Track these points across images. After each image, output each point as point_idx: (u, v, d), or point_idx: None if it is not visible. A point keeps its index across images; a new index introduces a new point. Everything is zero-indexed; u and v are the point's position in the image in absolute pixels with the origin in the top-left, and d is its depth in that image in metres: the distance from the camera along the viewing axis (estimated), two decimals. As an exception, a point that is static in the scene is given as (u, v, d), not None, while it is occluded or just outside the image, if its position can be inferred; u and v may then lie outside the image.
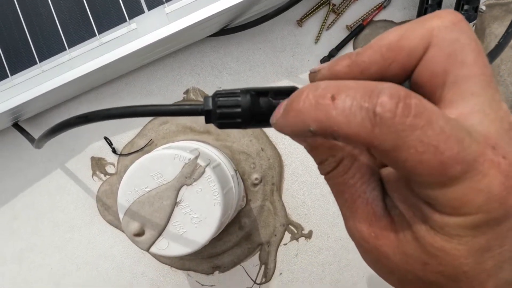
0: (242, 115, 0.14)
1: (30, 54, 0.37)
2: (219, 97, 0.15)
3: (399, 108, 0.11)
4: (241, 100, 0.14)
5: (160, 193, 0.31)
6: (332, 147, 0.15)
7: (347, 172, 0.14)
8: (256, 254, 0.41)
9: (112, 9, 0.36)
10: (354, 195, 0.14)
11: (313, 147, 0.15)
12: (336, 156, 0.15)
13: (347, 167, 0.15)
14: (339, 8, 0.39)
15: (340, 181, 0.15)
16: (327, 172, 0.15)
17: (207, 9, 0.34)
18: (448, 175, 0.11)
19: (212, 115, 0.15)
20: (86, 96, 0.42)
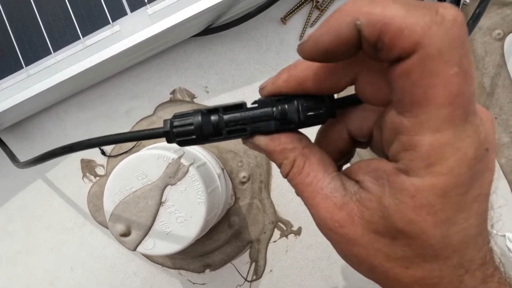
0: (195, 132, 0.16)
1: (16, 58, 0.37)
2: (174, 119, 0.17)
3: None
4: (193, 119, 0.16)
5: (145, 193, 0.31)
6: (283, 151, 0.16)
7: (301, 172, 0.15)
8: (246, 252, 0.41)
9: (96, 12, 0.36)
10: (313, 192, 0.15)
11: (268, 153, 0.16)
12: (289, 159, 0.16)
13: (300, 167, 0.15)
14: (322, 5, 0.39)
15: (298, 181, 0.16)
16: (286, 174, 0.16)
17: (189, 9, 0.34)
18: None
19: (171, 135, 0.17)
20: (74, 98, 0.42)
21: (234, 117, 0.16)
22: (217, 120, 0.16)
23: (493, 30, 0.38)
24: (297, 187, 0.16)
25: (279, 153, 0.16)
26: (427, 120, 0.12)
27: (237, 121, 0.16)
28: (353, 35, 0.12)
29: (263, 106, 0.16)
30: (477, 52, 0.38)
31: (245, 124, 0.16)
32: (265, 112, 0.16)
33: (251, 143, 0.17)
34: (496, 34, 0.38)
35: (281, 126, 0.16)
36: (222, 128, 0.16)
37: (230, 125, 0.16)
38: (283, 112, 0.16)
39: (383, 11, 0.11)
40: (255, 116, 0.16)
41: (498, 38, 0.38)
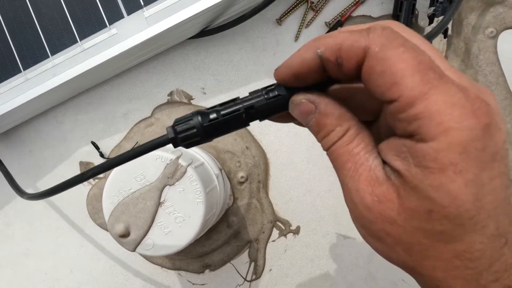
0: (198, 133, 0.17)
1: (14, 62, 0.37)
2: (177, 125, 0.18)
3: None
4: (194, 122, 0.17)
5: (143, 194, 0.32)
6: (341, 116, 0.16)
7: (352, 141, 0.15)
8: (245, 251, 0.41)
9: (93, 15, 0.36)
10: (358, 163, 0.15)
11: (323, 116, 0.16)
12: (343, 126, 0.16)
13: (352, 137, 0.15)
14: (317, 5, 0.39)
15: (344, 150, 0.15)
16: (333, 142, 0.16)
17: (185, 11, 0.34)
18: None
19: (176, 141, 0.18)
20: (72, 101, 0.42)
21: (230, 110, 0.17)
22: (216, 116, 0.17)
23: (486, 28, 0.38)
24: (341, 157, 0.15)
25: (336, 118, 0.16)
26: (409, 91, 0.13)
27: (233, 113, 0.17)
28: (316, 61, 0.15)
29: (253, 94, 0.17)
30: (471, 50, 0.38)
31: (240, 114, 0.17)
32: (255, 94, 0.17)
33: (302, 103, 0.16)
34: (489, 32, 0.38)
35: (273, 112, 0.17)
36: (221, 123, 0.17)
37: (228, 119, 0.17)
38: (268, 91, 0.17)
39: (335, 39, 0.15)
40: (247, 99, 0.17)
41: (491, 36, 0.38)
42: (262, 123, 0.41)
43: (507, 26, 0.38)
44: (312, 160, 0.41)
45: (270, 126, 0.41)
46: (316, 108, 0.16)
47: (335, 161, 0.16)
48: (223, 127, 0.17)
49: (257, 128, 0.41)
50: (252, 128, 0.41)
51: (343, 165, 0.15)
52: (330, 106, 0.16)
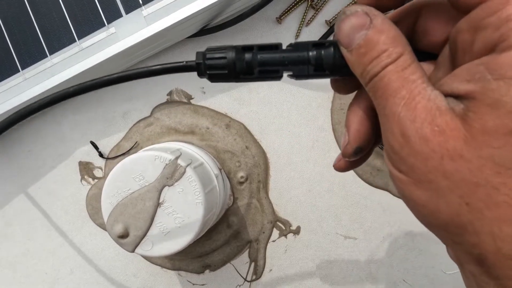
0: (227, 66, 0.16)
1: (12, 62, 0.37)
2: (208, 52, 0.16)
3: None
4: (227, 53, 0.16)
5: (142, 194, 0.31)
6: (397, 38, 0.13)
7: (407, 67, 0.13)
8: (246, 251, 0.41)
9: (91, 14, 0.36)
10: (414, 91, 0.13)
11: (377, 32, 0.13)
12: (398, 48, 0.13)
13: (407, 63, 0.13)
14: (317, 4, 0.39)
15: (398, 76, 0.13)
16: (386, 64, 0.13)
17: (184, 10, 0.34)
18: None
19: (202, 67, 0.16)
20: (71, 101, 0.42)
21: (268, 57, 0.16)
22: (251, 58, 0.16)
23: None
24: (394, 83, 0.13)
25: (391, 38, 0.13)
26: None
27: (271, 62, 0.16)
28: None
29: (297, 49, 0.16)
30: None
31: (278, 66, 0.16)
32: (300, 56, 0.15)
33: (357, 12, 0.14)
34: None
35: (316, 72, 0.16)
36: (255, 67, 0.16)
37: (263, 65, 0.16)
38: (318, 58, 0.15)
39: None
40: (290, 59, 0.16)
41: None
42: (262, 123, 0.41)
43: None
44: (313, 159, 0.40)
45: (270, 125, 0.41)
46: (371, 22, 0.13)
47: (384, 89, 0.13)
48: (255, 71, 0.16)
49: (257, 127, 0.41)
50: (252, 127, 0.41)
51: (395, 93, 0.13)
52: (386, 23, 0.13)
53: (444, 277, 0.40)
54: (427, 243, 0.40)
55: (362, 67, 0.14)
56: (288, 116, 0.40)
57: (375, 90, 0.13)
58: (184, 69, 0.17)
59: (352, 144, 0.16)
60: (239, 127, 0.40)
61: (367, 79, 0.14)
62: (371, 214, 0.40)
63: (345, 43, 0.14)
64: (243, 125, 0.40)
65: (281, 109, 0.40)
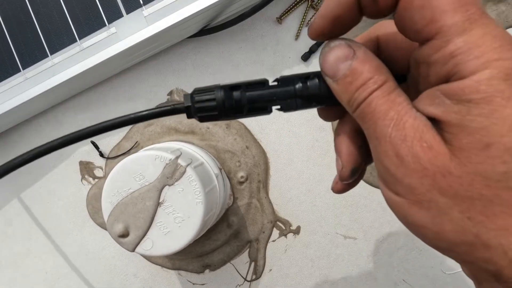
0: (217, 107, 0.16)
1: (13, 62, 0.37)
2: (196, 94, 0.16)
3: None
4: (215, 95, 0.16)
5: (143, 194, 0.31)
6: (379, 67, 0.14)
7: (392, 92, 0.14)
8: (246, 251, 0.41)
9: (92, 14, 0.36)
10: (401, 111, 0.13)
11: (361, 62, 0.14)
12: (382, 76, 0.14)
13: (392, 88, 0.14)
14: (318, 4, 0.39)
15: (385, 100, 0.14)
16: (372, 90, 0.14)
17: (184, 10, 0.34)
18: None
19: (192, 110, 0.16)
20: (72, 101, 0.42)
21: (256, 95, 0.16)
22: (239, 96, 0.16)
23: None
24: (381, 106, 0.13)
25: (375, 67, 0.14)
26: (448, 28, 0.12)
27: (260, 99, 0.16)
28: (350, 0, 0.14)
29: (284, 84, 0.16)
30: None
31: (267, 102, 0.16)
32: (288, 91, 0.16)
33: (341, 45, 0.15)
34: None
35: (303, 104, 0.16)
36: (244, 105, 0.16)
37: (252, 102, 0.16)
38: (304, 90, 0.16)
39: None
40: (278, 95, 0.16)
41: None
42: (262, 123, 0.41)
43: (510, 24, 0.38)
44: (312, 159, 0.40)
45: (270, 125, 0.41)
46: (355, 54, 0.14)
47: (372, 113, 0.14)
48: (244, 109, 0.16)
49: (257, 127, 0.41)
50: (252, 127, 0.41)
51: (384, 115, 0.13)
52: (368, 54, 0.14)
53: (444, 277, 0.40)
54: (427, 243, 0.40)
55: (349, 95, 0.14)
56: (288, 116, 0.40)
57: (363, 115, 0.14)
58: (173, 112, 0.17)
59: (347, 167, 0.17)
60: (239, 127, 0.40)
61: (354, 106, 0.14)
62: (371, 214, 0.40)
63: (330, 74, 0.15)
64: (243, 125, 0.40)
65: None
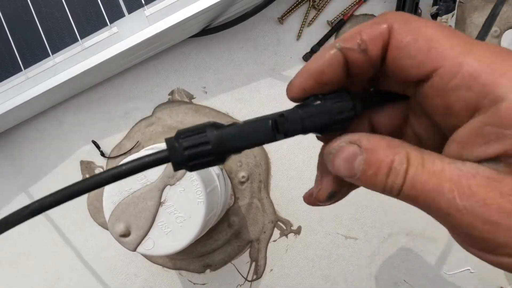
0: (214, 151, 0.13)
1: (15, 61, 0.37)
2: (182, 139, 0.13)
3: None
4: (208, 136, 0.13)
5: (144, 193, 0.31)
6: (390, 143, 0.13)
7: (425, 160, 0.12)
8: (246, 251, 0.41)
9: (93, 14, 0.36)
10: (453, 177, 0.12)
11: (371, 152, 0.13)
12: (401, 152, 0.13)
13: (419, 158, 0.13)
14: (319, 4, 0.39)
15: (426, 175, 0.12)
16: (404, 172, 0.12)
17: (186, 10, 0.34)
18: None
19: (180, 159, 0.13)
20: (73, 100, 0.42)
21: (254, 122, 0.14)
22: (238, 132, 0.14)
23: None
24: (429, 183, 0.12)
25: (387, 147, 0.13)
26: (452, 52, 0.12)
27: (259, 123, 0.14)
28: (337, 57, 0.14)
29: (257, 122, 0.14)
30: (474, 50, 0.38)
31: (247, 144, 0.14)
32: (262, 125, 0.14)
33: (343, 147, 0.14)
34: (493, 31, 0.38)
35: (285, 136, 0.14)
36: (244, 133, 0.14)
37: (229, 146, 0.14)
38: (279, 124, 0.14)
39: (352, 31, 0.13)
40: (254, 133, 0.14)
41: (495, 35, 0.38)
42: (264, 123, 0.41)
43: (511, 26, 0.38)
44: (313, 159, 0.40)
45: (272, 125, 0.41)
46: (361, 147, 0.13)
47: (424, 195, 0.12)
48: (243, 142, 0.14)
49: (258, 127, 0.41)
50: (253, 127, 0.41)
51: (439, 191, 0.12)
52: (372, 138, 0.13)
53: (444, 277, 0.40)
54: (427, 243, 0.40)
55: (381, 185, 0.13)
56: (290, 116, 0.40)
57: (414, 199, 0.12)
58: (155, 164, 0.13)
59: (324, 190, 0.15)
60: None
61: (395, 193, 0.13)
62: (372, 214, 0.40)
63: (348, 175, 0.13)
64: (244, 125, 0.40)
65: (282, 109, 0.40)
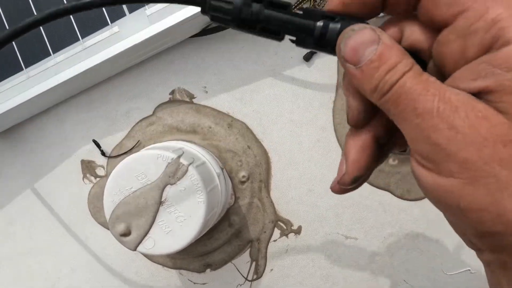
0: (232, 12, 0.15)
1: (16, 60, 0.37)
2: None
3: None
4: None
5: (145, 193, 0.31)
6: (404, 52, 0.14)
7: (423, 73, 0.13)
8: (247, 251, 0.41)
9: (94, 13, 0.36)
10: (441, 88, 0.13)
11: (387, 47, 0.13)
12: (409, 59, 0.13)
13: (420, 70, 0.13)
14: (320, 4, 0.39)
15: (418, 80, 0.13)
16: (403, 72, 0.13)
17: (187, 9, 0.34)
18: None
19: (207, 5, 0.15)
20: (74, 99, 0.42)
21: (274, 16, 0.15)
22: (258, 10, 0.15)
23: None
24: (417, 86, 0.13)
25: (401, 51, 0.13)
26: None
27: (275, 22, 0.15)
28: None
29: (306, 16, 0.15)
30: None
31: (281, 27, 0.15)
32: (306, 25, 0.15)
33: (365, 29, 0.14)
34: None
35: (316, 45, 0.15)
36: (260, 21, 0.15)
37: (267, 22, 0.15)
38: (323, 31, 0.15)
39: None
40: (295, 24, 0.15)
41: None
42: (264, 123, 0.41)
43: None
44: (314, 159, 0.40)
45: (272, 125, 0.41)
46: (380, 39, 0.13)
47: (408, 93, 0.13)
48: (258, 26, 0.15)
49: (259, 127, 0.41)
50: (254, 127, 0.41)
51: (424, 92, 0.12)
52: (392, 39, 0.14)
53: (445, 277, 0.40)
54: (428, 243, 0.40)
55: (376, 81, 0.13)
56: (290, 116, 0.40)
57: (396, 97, 0.13)
58: (187, 1, 0.16)
59: (350, 174, 0.16)
60: (241, 126, 0.40)
61: (384, 90, 0.13)
62: (372, 214, 0.40)
63: (353, 60, 0.14)
64: (245, 124, 0.41)
65: (283, 109, 0.40)
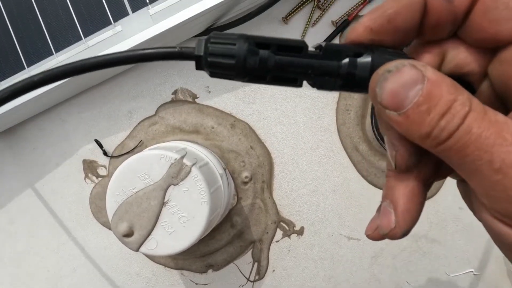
0: (235, 67, 0.12)
1: (18, 59, 0.37)
2: (212, 42, 0.13)
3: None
4: (236, 50, 0.12)
5: (148, 193, 0.31)
6: (455, 84, 0.11)
7: (487, 110, 0.11)
8: (249, 252, 0.41)
9: (97, 12, 0.36)
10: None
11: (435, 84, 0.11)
12: (464, 94, 0.11)
13: (481, 105, 0.11)
14: (324, 4, 0.39)
15: (486, 123, 0.11)
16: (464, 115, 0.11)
17: (190, 9, 0.34)
18: None
19: (203, 61, 0.13)
20: (76, 99, 0.42)
21: (288, 61, 0.13)
22: (266, 57, 0.12)
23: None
24: (489, 130, 0.11)
25: (452, 86, 0.11)
26: None
27: (291, 68, 0.13)
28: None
29: (327, 55, 0.13)
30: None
31: (298, 74, 0.13)
32: (329, 66, 0.13)
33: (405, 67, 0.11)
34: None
35: (346, 86, 0.13)
36: (270, 70, 0.13)
37: (280, 69, 0.13)
38: (350, 71, 0.12)
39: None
40: (316, 68, 0.13)
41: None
42: (267, 123, 0.40)
43: None
44: (317, 160, 0.40)
45: (275, 126, 0.40)
46: (424, 76, 0.11)
47: (477, 141, 0.11)
48: (269, 76, 0.13)
49: (262, 127, 0.40)
50: (257, 127, 0.41)
51: (499, 141, 0.10)
52: (438, 72, 0.11)
53: (447, 279, 0.40)
54: (430, 245, 0.40)
55: (429, 127, 0.11)
56: (293, 116, 0.40)
57: (462, 147, 0.11)
58: (179, 56, 0.13)
59: (401, 228, 0.13)
60: (244, 127, 0.40)
61: (442, 138, 0.11)
62: (375, 215, 0.40)
63: (394, 105, 0.11)
64: (248, 125, 0.40)
65: (286, 109, 0.40)
